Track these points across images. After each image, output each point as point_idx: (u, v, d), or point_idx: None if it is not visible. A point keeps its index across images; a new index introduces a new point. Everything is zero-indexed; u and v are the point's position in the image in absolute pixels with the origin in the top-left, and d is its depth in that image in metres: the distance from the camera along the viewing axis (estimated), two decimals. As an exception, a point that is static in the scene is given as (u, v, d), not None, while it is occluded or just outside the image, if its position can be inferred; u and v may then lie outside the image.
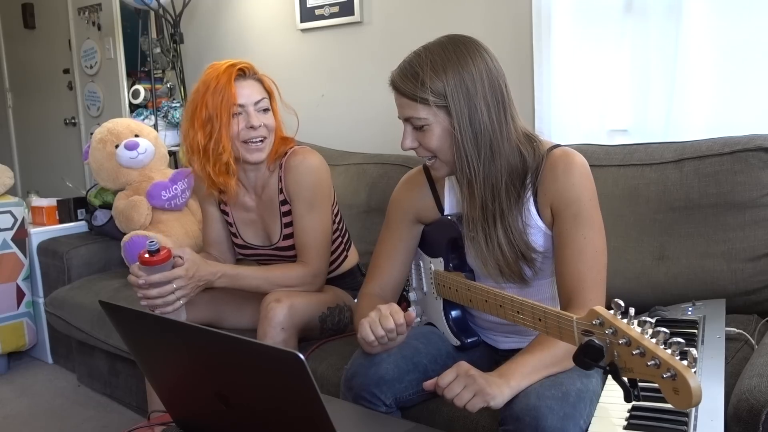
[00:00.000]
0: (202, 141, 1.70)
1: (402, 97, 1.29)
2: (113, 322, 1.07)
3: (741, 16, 1.89)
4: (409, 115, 1.28)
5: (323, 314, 1.74)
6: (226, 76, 1.67)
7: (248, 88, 1.70)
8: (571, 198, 1.26)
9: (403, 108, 1.29)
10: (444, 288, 1.42)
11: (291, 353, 0.80)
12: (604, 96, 2.11)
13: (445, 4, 2.53)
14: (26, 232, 2.81)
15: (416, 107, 1.26)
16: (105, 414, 2.42)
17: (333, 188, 1.87)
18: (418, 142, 1.31)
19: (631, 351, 0.92)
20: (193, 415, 1.08)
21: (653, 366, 0.89)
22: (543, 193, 1.29)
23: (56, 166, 4.40)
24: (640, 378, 0.94)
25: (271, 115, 1.74)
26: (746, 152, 1.70)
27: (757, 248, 1.68)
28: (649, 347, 0.90)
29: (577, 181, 1.27)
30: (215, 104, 1.66)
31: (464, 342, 1.42)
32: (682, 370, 0.87)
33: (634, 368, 0.92)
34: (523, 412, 1.12)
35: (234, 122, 1.68)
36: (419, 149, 1.32)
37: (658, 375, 0.89)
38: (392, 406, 1.33)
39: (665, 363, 0.88)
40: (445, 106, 1.24)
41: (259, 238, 1.87)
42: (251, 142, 1.70)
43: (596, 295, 1.25)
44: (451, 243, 1.40)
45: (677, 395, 0.88)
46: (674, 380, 0.87)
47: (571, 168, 1.27)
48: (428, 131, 1.28)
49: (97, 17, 3.78)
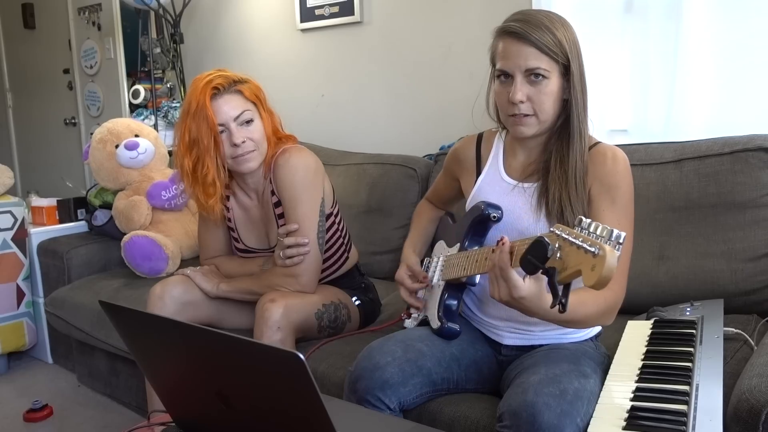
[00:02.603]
0: (189, 165, 1.71)
1: (528, 46, 1.27)
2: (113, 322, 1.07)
3: (741, 17, 1.89)
4: (534, 65, 1.27)
5: (319, 311, 1.73)
6: (203, 96, 1.65)
7: (226, 104, 1.68)
8: (612, 184, 1.31)
9: (526, 58, 1.28)
10: (450, 268, 1.44)
11: (291, 353, 0.80)
12: (603, 96, 2.12)
13: (445, 4, 2.53)
14: (26, 232, 2.81)
15: (541, 58, 1.27)
16: (105, 414, 2.42)
17: (333, 188, 1.87)
18: (528, 96, 1.30)
19: (574, 244, 0.98)
20: (193, 415, 1.08)
21: (582, 251, 0.96)
22: (585, 173, 1.33)
23: (56, 166, 4.40)
24: (571, 271, 0.98)
25: (255, 125, 1.72)
26: (746, 152, 1.71)
27: (757, 248, 1.68)
28: (585, 236, 0.98)
29: (621, 170, 1.32)
30: (197, 128, 1.66)
31: (444, 325, 1.43)
32: (606, 249, 0.93)
33: (569, 264, 0.98)
34: (520, 408, 1.13)
35: (219, 141, 1.68)
36: (525, 104, 1.31)
37: (588, 257, 0.95)
38: (396, 410, 1.34)
39: (593, 243, 0.95)
40: (563, 64, 1.28)
41: (261, 241, 1.87)
42: (238, 156, 1.71)
43: (622, 278, 1.29)
44: (474, 225, 1.42)
45: (593, 271, 0.94)
46: (595, 257, 0.94)
47: (618, 159, 1.33)
48: (543, 86, 1.29)
49: (97, 17, 3.78)
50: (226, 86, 1.68)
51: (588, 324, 1.32)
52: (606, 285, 0.94)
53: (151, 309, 1.79)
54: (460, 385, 1.42)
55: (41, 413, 2.36)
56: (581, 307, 1.22)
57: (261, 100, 1.75)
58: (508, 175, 1.44)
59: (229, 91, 1.69)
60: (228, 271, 1.89)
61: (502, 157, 1.47)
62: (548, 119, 1.33)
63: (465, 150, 1.55)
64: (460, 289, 1.47)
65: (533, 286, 1.12)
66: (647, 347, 1.37)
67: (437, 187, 1.70)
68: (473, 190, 1.49)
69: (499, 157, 1.47)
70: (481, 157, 1.51)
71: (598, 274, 0.93)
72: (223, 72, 1.72)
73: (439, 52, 2.58)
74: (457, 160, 1.57)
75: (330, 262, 1.87)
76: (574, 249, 0.98)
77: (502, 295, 1.14)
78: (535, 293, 1.12)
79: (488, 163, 1.49)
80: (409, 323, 1.59)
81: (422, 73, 2.64)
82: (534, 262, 1.02)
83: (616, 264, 0.93)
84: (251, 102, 1.72)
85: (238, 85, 1.70)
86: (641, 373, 1.26)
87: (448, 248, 1.51)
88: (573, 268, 0.98)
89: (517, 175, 1.42)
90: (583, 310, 1.23)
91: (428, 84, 2.63)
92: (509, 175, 1.44)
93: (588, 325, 1.32)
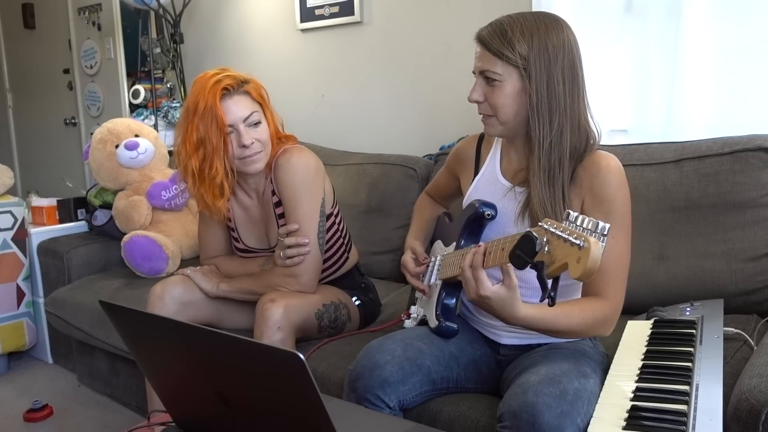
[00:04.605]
0: (195, 164, 1.70)
1: (485, 50, 1.32)
2: (113, 322, 1.07)
3: (741, 17, 1.89)
4: (486, 68, 1.32)
5: (319, 311, 1.73)
6: (212, 96, 1.64)
7: (235, 105, 1.67)
8: (605, 197, 1.30)
9: (483, 61, 1.33)
10: (447, 267, 1.44)
11: (291, 353, 0.80)
12: (603, 96, 2.12)
13: (445, 4, 2.53)
14: (26, 232, 2.81)
15: (495, 62, 1.30)
16: (105, 414, 2.42)
17: (333, 188, 1.87)
18: (485, 97, 1.35)
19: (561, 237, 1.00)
20: (193, 415, 1.08)
21: (569, 244, 0.97)
22: (578, 185, 1.32)
23: (56, 166, 4.40)
24: (559, 264, 0.99)
25: (263, 127, 1.72)
26: (746, 152, 1.71)
27: (757, 248, 1.68)
28: (572, 230, 0.99)
29: (615, 182, 1.30)
30: (205, 128, 1.65)
31: (442, 323, 1.43)
32: (591, 242, 0.95)
33: (556, 257, 0.99)
34: (520, 409, 1.13)
35: (228, 141, 1.67)
36: (483, 105, 1.36)
37: (574, 250, 0.96)
38: (396, 408, 1.34)
39: (579, 236, 0.97)
40: (524, 68, 1.29)
41: (261, 241, 1.87)
42: (246, 158, 1.70)
43: (616, 289, 1.29)
44: (469, 223, 1.43)
45: (578, 263, 0.95)
46: (580, 249, 0.95)
47: (612, 169, 1.31)
48: (497, 88, 1.32)
49: (97, 17, 3.78)
50: (235, 87, 1.67)
51: (572, 335, 1.32)
52: (591, 276, 0.95)
53: (151, 309, 1.79)
54: (459, 384, 1.43)
55: (41, 413, 2.37)
56: (562, 318, 1.23)
57: (265, 100, 1.76)
58: (503, 177, 1.44)
59: (238, 91, 1.68)
60: (228, 271, 1.89)
61: (499, 159, 1.48)
62: (508, 120, 1.34)
63: (466, 149, 1.57)
64: (458, 287, 1.47)
65: (501, 291, 1.17)
66: (647, 347, 1.37)
67: (437, 183, 1.73)
68: (470, 189, 1.51)
69: (497, 158, 1.48)
70: (480, 156, 1.52)
71: (583, 266, 0.94)
72: (229, 71, 1.71)
73: (439, 52, 2.58)
74: (458, 159, 1.59)
75: (330, 262, 1.87)
76: (561, 242, 0.99)
77: (471, 293, 1.21)
78: (502, 297, 1.17)
79: (486, 163, 1.50)
80: (409, 323, 1.59)
81: (422, 73, 2.64)
82: (523, 256, 1.03)
83: (601, 256, 0.94)
84: (257, 103, 1.73)
85: (245, 86, 1.70)
86: (641, 373, 1.26)
87: (445, 248, 1.52)
88: (560, 261, 0.99)
89: (511, 178, 1.43)
90: (565, 321, 1.24)
91: (428, 84, 2.63)
92: (505, 177, 1.44)
93: (573, 336, 1.32)
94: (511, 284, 1.16)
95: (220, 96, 1.65)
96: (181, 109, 1.81)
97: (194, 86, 1.69)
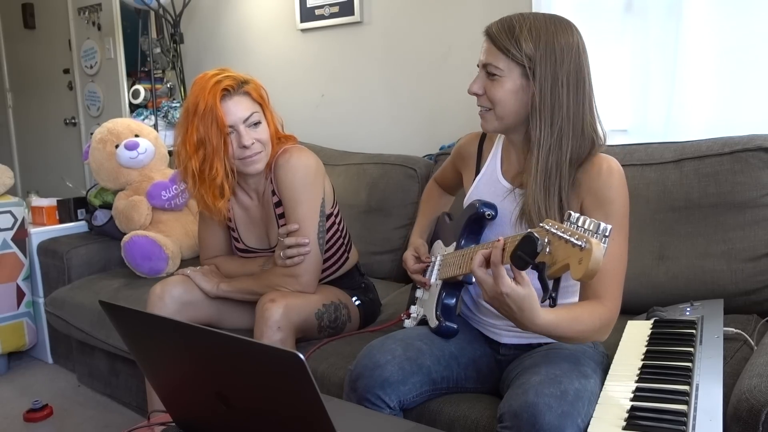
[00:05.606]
0: (196, 165, 1.70)
1: (491, 44, 1.32)
2: (113, 322, 1.07)
3: (741, 16, 1.89)
4: (489, 62, 1.32)
5: (319, 311, 1.74)
6: (212, 97, 1.63)
7: (235, 105, 1.67)
8: (606, 198, 1.29)
9: (487, 53, 1.33)
10: (447, 266, 1.44)
11: (291, 353, 0.80)
12: (603, 96, 2.11)
13: (445, 5, 2.53)
14: (26, 232, 2.81)
15: (499, 57, 1.31)
16: (105, 414, 2.42)
17: (333, 188, 1.87)
18: (484, 90, 1.35)
19: (562, 238, 1.00)
20: (193, 415, 1.08)
21: (570, 245, 0.97)
22: (577, 186, 1.32)
23: (56, 166, 4.40)
24: (560, 265, 0.99)
25: (263, 127, 1.72)
26: (746, 152, 1.71)
27: (757, 248, 1.68)
28: (574, 230, 0.99)
29: (615, 185, 1.30)
30: (205, 129, 1.65)
31: (441, 323, 1.43)
32: (593, 243, 0.95)
33: (557, 258, 0.99)
34: (521, 409, 1.13)
35: (228, 142, 1.67)
36: (482, 98, 1.36)
37: (575, 251, 0.96)
38: (396, 408, 1.34)
39: (581, 237, 0.97)
40: (528, 68, 1.29)
41: (261, 241, 1.87)
42: (247, 158, 1.70)
43: (615, 292, 1.28)
44: (470, 223, 1.43)
45: (580, 264, 0.95)
46: (582, 251, 0.95)
47: (613, 171, 1.31)
48: (497, 82, 1.32)
49: (97, 17, 3.78)
50: (235, 87, 1.67)
51: (580, 340, 1.31)
52: (593, 277, 0.95)
53: (151, 309, 1.79)
54: (459, 384, 1.43)
55: (41, 413, 2.37)
56: (575, 324, 1.21)
57: (265, 100, 1.75)
58: (504, 178, 1.44)
59: (238, 92, 1.68)
60: (228, 271, 1.89)
61: (500, 159, 1.47)
62: (506, 116, 1.34)
63: (468, 146, 1.57)
64: (458, 287, 1.48)
65: (519, 288, 1.12)
66: (647, 347, 1.37)
67: (444, 172, 1.73)
68: (470, 189, 1.50)
69: (497, 158, 1.48)
70: (482, 155, 1.52)
71: (585, 267, 0.94)
72: (228, 72, 1.71)
73: (439, 52, 2.58)
74: (461, 156, 1.60)
75: (330, 262, 1.87)
76: (562, 243, 0.99)
77: (488, 291, 1.15)
78: (521, 295, 1.11)
79: (487, 162, 1.49)
80: (409, 323, 1.59)
81: (422, 73, 2.64)
82: (524, 257, 1.03)
83: (603, 256, 0.94)
84: (257, 103, 1.72)
85: (245, 86, 1.70)
86: (641, 373, 1.26)
87: (445, 247, 1.52)
88: (561, 262, 0.99)
89: (512, 180, 1.42)
90: (578, 326, 1.22)
91: (428, 84, 2.63)
92: (505, 178, 1.44)
93: (580, 341, 1.32)
94: (523, 281, 1.12)
95: (220, 97, 1.65)
96: (181, 109, 1.80)
97: (194, 87, 1.69)
